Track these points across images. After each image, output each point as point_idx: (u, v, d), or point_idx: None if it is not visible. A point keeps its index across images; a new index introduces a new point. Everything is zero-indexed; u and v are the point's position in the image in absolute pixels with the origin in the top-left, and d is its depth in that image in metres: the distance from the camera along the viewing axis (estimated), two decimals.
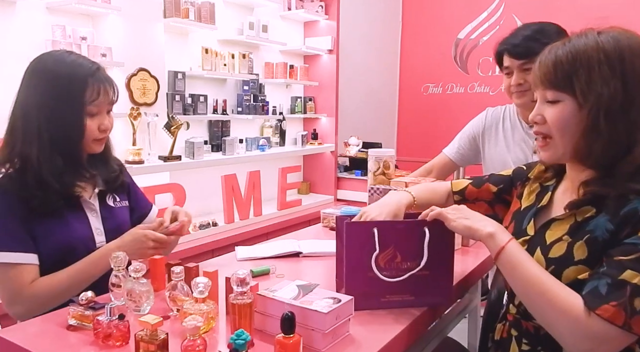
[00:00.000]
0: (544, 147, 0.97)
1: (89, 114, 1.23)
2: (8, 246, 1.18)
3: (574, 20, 4.19)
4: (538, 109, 0.96)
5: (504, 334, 1.08)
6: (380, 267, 1.07)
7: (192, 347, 0.83)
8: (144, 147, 2.72)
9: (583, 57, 0.89)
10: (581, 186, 0.94)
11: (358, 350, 0.92)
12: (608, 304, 0.82)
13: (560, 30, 1.57)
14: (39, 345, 0.98)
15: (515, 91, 1.60)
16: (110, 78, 1.29)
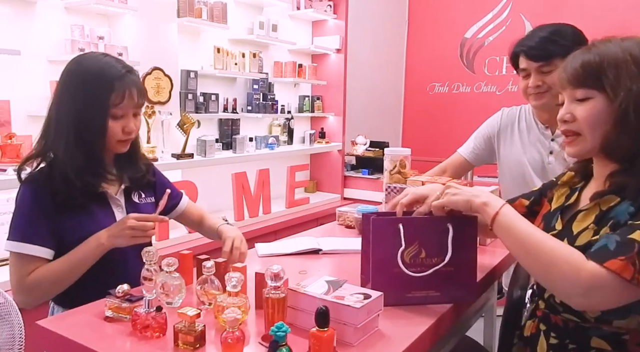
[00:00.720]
0: (572, 143, 1.02)
1: (113, 116, 1.27)
2: (27, 238, 1.23)
3: (582, 19, 4.24)
4: (567, 108, 1.01)
5: (533, 329, 1.12)
6: (406, 262, 1.11)
7: (231, 338, 0.88)
8: (157, 145, 2.77)
9: (610, 58, 0.96)
10: (607, 178, 0.99)
11: (387, 345, 0.97)
12: (616, 258, 0.85)
13: (577, 31, 1.59)
14: (79, 335, 1.03)
15: (533, 93, 1.62)
16: (139, 82, 1.33)
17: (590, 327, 0.99)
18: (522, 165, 1.73)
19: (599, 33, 3.57)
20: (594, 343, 0.98)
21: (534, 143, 1.73)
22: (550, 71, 1.56)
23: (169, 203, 1.51)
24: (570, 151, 1.04)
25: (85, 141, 1.26)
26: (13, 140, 2.16)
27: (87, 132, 1.26)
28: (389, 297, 1.08)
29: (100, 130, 1.26)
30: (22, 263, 1.24)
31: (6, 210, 2.18)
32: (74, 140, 1.25)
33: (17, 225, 1.25)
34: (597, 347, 0.98)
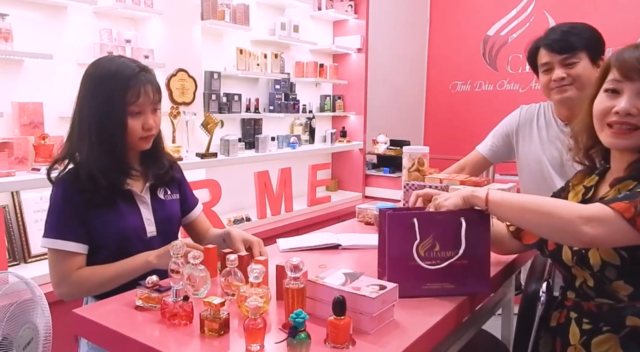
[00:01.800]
0: (627, 135, 1.04)
1: (132, 114, 1.32)
2: (63, 234, 1.30)
3: (606, 15, 4.13)
4: (632, 102, 1.03)
5: (561, 319, 1.16)
6: (421, 255, 1.15)
7: (253, 325, 0.93)
8: (182, 144, 2.85)
9: None
10: (627, 166, 1.06)
11: (403, 334, 1.00)
12: (622, 201, 0.95)
13: (592, 28, 1.62)
14: (112, 322, 1.09)
15: (557, 87, 1.62)
16: (154, 79, 1.36)
17: (625, 307, 1.04)
18: (541, 163, 1.74)
19: (622, 29, 3.58)
20: (629, 322, 1.03)
21: (553, 140, 1.73)
22: (574, 63, 1.58)
23: (185, 207, 1.56)
24: (620, 143, 1.06)
25: (108, 140, 1.31)
26: (46, 140, 2.26)
27: (108, 131, 1.31)
28: (405, 289, 1.12)
29: (121, 129, 1.31)
30: (61, 259, 1.31)
31: (40, 208, 2.29)
32: (96, 140, 1.31)
33: (51, 223, 1.33)
34: (631, 325, 1.03)
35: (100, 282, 1.32)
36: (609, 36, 4.58)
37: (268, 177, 3.25)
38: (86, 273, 1.32)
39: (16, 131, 2.25)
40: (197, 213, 1.60)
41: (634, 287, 1.02)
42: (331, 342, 0.93)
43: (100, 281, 1.32)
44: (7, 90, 2.26)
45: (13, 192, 2.24)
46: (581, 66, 1.58)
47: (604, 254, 1.04)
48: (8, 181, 2.09)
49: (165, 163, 1.49)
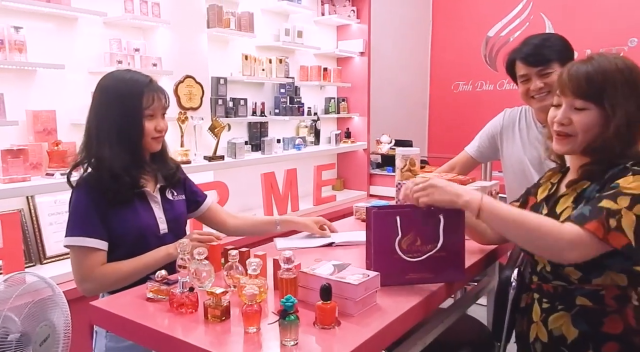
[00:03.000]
0: (563, 142, 1.21)
1: (146, 117, 1.49)
2: (86, 232, 1.43)
3: (599, 18, 4.22)
4: (566, 113, 1.19)
5: (528, 300, 1.31)
6: (403, 249, 1.27)
7: (250, 311, 1.04)
8: (190, 148, 2.97)
9: (610, 77, 1.14)
10: (579, 168, 1.21)
11: (383, 315, 1.12)
12: (592, 221, 1.08)
13: (563, 38, 1.75)
14: (126, 312, 1.21)
15: (537, 96, 1.75)
16: (162, 87, 1.56)
17: (575, 288, 1.19)
18: (523, 162, 1.85)
19: (616, 32, 3.67)
20: (579, 301, 1.19)
21: (533, 141, 1.85)
22: (549, 73, 1.71)
23: (195, 201, 1.72)
24: (560, 149, 1.23)
25: (127, 141, 1.48)
26: (59, 147, 2.35)
27: (128, 133, 1.47)
28: (389, 279, 1.24)
29: (139, 129, 1.48)
30: (84, 256, 1.43)
31: (54, 211, 2.38)
32: (117, 142, 1.46)
33: (75, 222, 1.45)
34: (581, 304, 1.19)
35: (124, 275, 1.44)
36: (600, 38, 4.69)
37: (274, 178, 3.36)
38: (110, 268, 1.45)
39: (30, 138, 2.35)
40: (208, 204, 1.76)
41: (582, 272, 1.17)
42: (319, 324, 1.05)
43: (124, 275, 1.44)
44: (21, 99, 2.36)
45: (28, 197, 2.33)
46: (555, 75, 1.69)
47: None
48: (23, 186, 2.18)
49: (172, 165, 1.65)
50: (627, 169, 1.13)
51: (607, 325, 1.16)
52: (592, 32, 4.18)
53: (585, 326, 1.18)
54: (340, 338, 1.03)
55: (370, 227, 1.29)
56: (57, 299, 1.63)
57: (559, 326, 1.21)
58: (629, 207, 1.07)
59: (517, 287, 1.32)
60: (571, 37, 1.84)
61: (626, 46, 4.12)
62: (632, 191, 1.08)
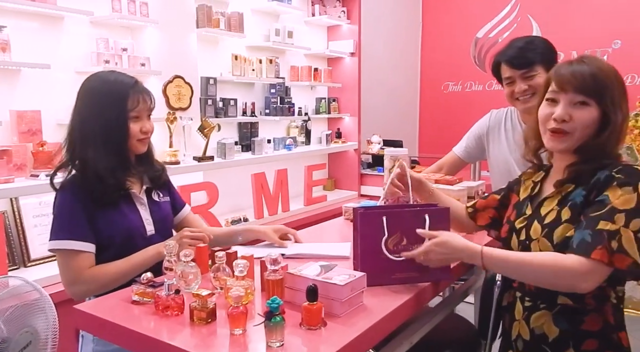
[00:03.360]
0: (560, 139, 1.19)
1: (132, 119, 1.48)
2: (73, 235, 1.41)
3: (584, 20, 4.29)
4: (566, 110, 1.18)
5: (510, 298, 1.33)
6: (390, 249, 1.27)
7: (236, 312, 1.03)
8: (179, 148, 2.95)
9: (611, 77, 1.17)
10: (566, 168, 1.21)
11: (369, 315, 1.12)
12: (596, 248, 1.08)
13: (546, 41, 1.78)
14: (112, 315, 1.19)
15: (521, 98, 1.78)
16: (147, 89, 1.53)
17: None
18: (508, 163, 1.87)
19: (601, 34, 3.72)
20: (560, 300, 1.20)
21: (519, 142, 1.85)
22: (532, 76, 1.74)
23: (174, 209, 1.70)
24: (557, 146, 1.22)
25: (112, 143, 1.46)
26: (44, 147, 2.31)
27: (113, 134, 1.45)
28: (375, 279, 1.25)
29: (124, 131, 1.46)
30: (72, 258, 1.40)
31: (39, 213, 2.34)
32: (101, 143, 1.44)
33: (61, 225, 1.43)
34: (562, 303, 1.20)
35: (114, 277, 1.42)
36: (585, 40, 4.74)
37: (265, 178, 3.36)
38: (98, 270, 1.42)
39: (15, 139, 2.31)
40: (185, 213, 1.74)
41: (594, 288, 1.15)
42: (306, 325, 1.04)
43: (113, 276, 1.42)
44: (5, 99, 2.32)
45: (12, 198, 2.29)
46: (539, 77, 1.73)
47: (542, 246, 1.19)
48: (7, 188, 2.14)
49: (158, 167, 1.64)
50: (612, 177, 1.14)
51: (587, 323, 1.18)
52: (578, 33, 4.24)
53: (565, 324, 1.20)
54: (326, 339, 1.03)
55: (357, 228, 1.29)
56: (42, 304, 1.59)
57: (540, 325, 1.23)
58: (625, 225, 1.08)
59: (501, 286, 1.33)
60: (557, 38, 1.86)
61: (610, 48, 4.17)
62: (624, 207, 1.10)
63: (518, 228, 1.28)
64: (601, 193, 1.13)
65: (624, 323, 1.23)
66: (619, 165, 1.16)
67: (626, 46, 4.11)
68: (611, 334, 1.19)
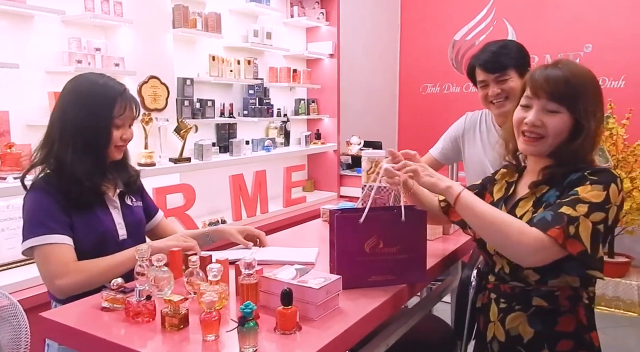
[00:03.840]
0: (534, 143, 1.22)
1: (115, 126, 1.46)
2: (51, 230, 1.37)
3: (558, 24, 4.39)
4: (537, 115, 1.20)
5: (484, 300, 1.33)
6: (366, 252, 1.26)
7: (209, 318, 1.01)
8: (155, 150, 2.90)
9: (583, 83, 1.18)
10: (540, 171, 1.22)
11: (345, 318, 1.11)
12: (554, 227, 1.10)
13: (519, 45, 1.81)
14: (80, 323, 1.15)
15: (496, 101, 1.80)
16: (135, 98, 1.52)
17: (532, 289, 1.22)
18: (483, 164, 1.89)
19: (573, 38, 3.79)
20: (535, 302, 1.22)
21: (493, 144, 1.90)
22: (506, 80, 1.77)
23: (147, 214, 1.67)
24: (530, 150, 1.23)
25: (92, 147, 1.43)
26: (12, 149, 2.25)
27: (94, 138, 1.43)
28: (352, 282, 1.24)
29: (106, 137, 1.44)
30: (53, 252, 1.35)
31: (7, 216, 2.25)
32: (81, 146, 1.42)
33: (36, 222, 1.37)
34: (537, 305, 1.22)
35: (102, 270, 1.37)
36: (558, 44, 4.85)
37: (243, 180, 3.32)
38: (87, 262, 1.38)
39: None
40: (158, 219, 1.72)
41: (540, 275, 1.20)
42: (280, 330, 1.03)
43: (101, 269, 1.37)
44: None
45: None
46: (512, 81, 1.77)
47: None
48: None
49: (132, 172, 1.61)
50: (585, 177, 1.15)
51: (561, 324, 1.20)
52: (551, 37, 4.32)
53: (540, 325, 1.21)
54: (301, 343, 1.01)
55: (334, 230, 1.28)
56: (5, 314, 1.54)
57: (515, 326, 1.24)
58: (586, 215, 1.10)
59: (476, 287, 1.34)
60: (531, 42, 1.89)
61: (582, 52, 4.26)
62: (590, 200, 1.11)
63: None
64: (573, 190, 1.15)
65: (595, 323, 1.25)
66: (593, 168, 1.18)
67: (597, 50, 4.20)
68: (584, 334, 1.21)
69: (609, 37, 4.14)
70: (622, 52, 4.07)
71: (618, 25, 4.11)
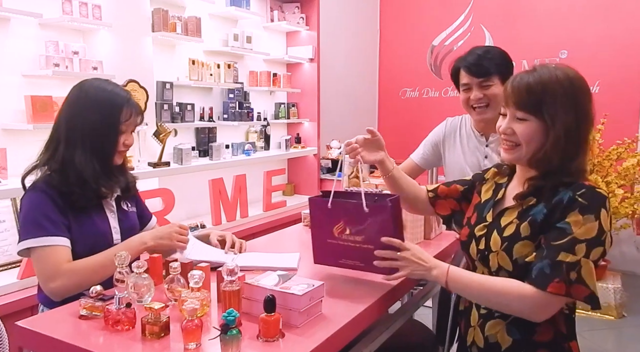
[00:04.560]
0: (510, 151, 1.22)
1: (120, 131, 1.49)
2: (48, 231, 1.38)
3: (533, 30, 4.49)
4: (509, 124, 1.20)
5: (466, 303, 1.34)
6: (334, 236, 1.33)
7: (190, 326, 1.00)
8: (134, 154, 2.86)
9: (550, 89, 1.14)
10: (526, 181, 1.21)
11: (328, 325, 1.11)
12: (553, 281, 1.08)
13: (502, 52, 1.83)
14: (57, 332, 1.13)
15: (477, 107, 1.82)
16: (138, 105, 1.56)
17: None
18: (463, 168, 1.92)
19: (549, 44, 3.89)
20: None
21: (472, 149, 1.92)
22: (489, 86, 1.78)
23: (141, 220, 1.69)
24: (506, 157, 1.24)
25: (99, 150, 1.47)
26: None
27: (102, 142, 1.47)
28: (325, 259, 1.37)
29: (114, 141, 1.49)
30: (49, 254, 1.36)
31: None
32: (89, 150, 1.45)
33: (35, 222, 1.38)
34: None
35: (94, 268, 1.38)
36: (534, 50, 4.97)
37: (223, 184, 3.30)
38: (79, 262, 1.39)
39: None
40: (152, 226, 1.73)
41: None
42: (263, 337, 1.02)
43: (94, 268, 1.38)
44: None
45: None
46: (495, 88, 1.79)
47: (502, 261, 1.20)
48: None
49: (131, 178, 1.63)
50: (575, 201, 1.12)
51: (538, 334, 1.19)
52: (528, 44, 4.43)
53: (518, 334, 1.21)
54: (284, 350, 1.01)
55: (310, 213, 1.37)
56: None
57: (494, 333, 1.24)
58: (586, 255, 1.08)
59: None
60: (508, 48, 1.92)
61: (558, 58, 4.37)
62: (585, 237, 1.09)
63: (478, 236, 1.27)
64: (563, 217, 1.12)
65: (575, 332, 1.24)
66: (582, 188, 1.13)
67: (572, 56, 4.31)
68: (562, 343, 1.21)
69: (584, 44, 4.26)
70: (596, 59, 4.19)
71: (592, 32, 4.23)
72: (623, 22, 4.13)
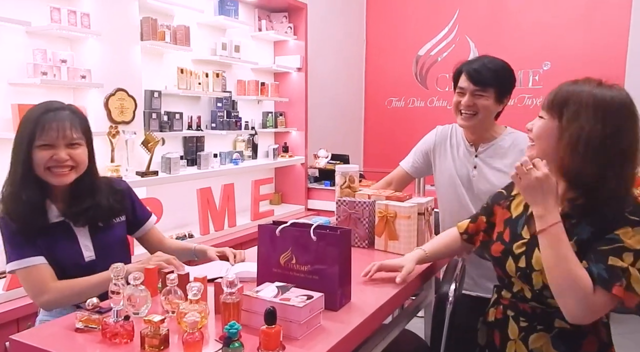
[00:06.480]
0: (529, 149, 1.28)
1: (39, 147, 1.39)
2: (27, 253, 1.41)
3: (516, 41, 4.58)
4: (533, 121, 1.28)
5: (497, 315, 1.33)
6: (281, 265, 1.31)
7: (191, 339, 1.00)
8: (122, 163, 2.84)
9: (577, 97, 1.19)
10: (565, 201, 1.21)
11: (328, 337, 1.12)
12: (615, 284, 1.09)
13: (506, 68, 1.84)
14: (53, 346, 1.12)
15: (465, 113, 1.84)
16: (69, 117, 1.44)
17: (553, 312, 1.21)
18: (453, 177, 1.94)
19: (533, 55, 3.98)
20: (557, 324, 1.22)
21: (462, 159, 1.94)
22: (482, 96, 1.80)
23: (138, 221, 1.67)
24: (527, 153, 1.28)
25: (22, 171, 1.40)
26: None
27: (19, 162, 1.41)
28: None
29: (26, 158, 1.40)
30: (31, 273, 1.41)
31: None
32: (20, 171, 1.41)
33: (9, 247, 1.42)
34: (559, 326, 1.22)
35: (78, 291, 1.40)
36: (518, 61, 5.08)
37: (211, 193, 3.29)
38: (64, 283, 1.42)
39: None
40: (148, 227, 1.71)
41: None
42: (264, 350, 1.02)
43: (78, 291, 1.40)
44: None
45: None
46: (487, 100, 1.80)
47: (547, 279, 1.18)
48: None
49: (104, 201, 1.52)
50: (624, 218, 1.13)
51: (584, 346, 1.21)
52: (511, 55, 4.48)
53: (564, 347, 1.21)
54: None
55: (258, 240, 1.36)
56: None
57: (539, 347, 1.23)
58: (632, 264, 1.10)
59: (454, 302, 1.36)
60: None
61: (541, 69, 4.48)
62: (634, 247, 1.11)
63: (517, 254, 1.25)
64: (612, 231, 1.13)
65: (612, 337, 1.26)
66: (630, 205, 1.14)
67: (555, 67, 4.42)
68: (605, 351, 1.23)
69: (566, 55, 4.37)
70: (578, 70, 4.27)
71: (574, 44, 4.35)
72: (604, 34, 4.26)
